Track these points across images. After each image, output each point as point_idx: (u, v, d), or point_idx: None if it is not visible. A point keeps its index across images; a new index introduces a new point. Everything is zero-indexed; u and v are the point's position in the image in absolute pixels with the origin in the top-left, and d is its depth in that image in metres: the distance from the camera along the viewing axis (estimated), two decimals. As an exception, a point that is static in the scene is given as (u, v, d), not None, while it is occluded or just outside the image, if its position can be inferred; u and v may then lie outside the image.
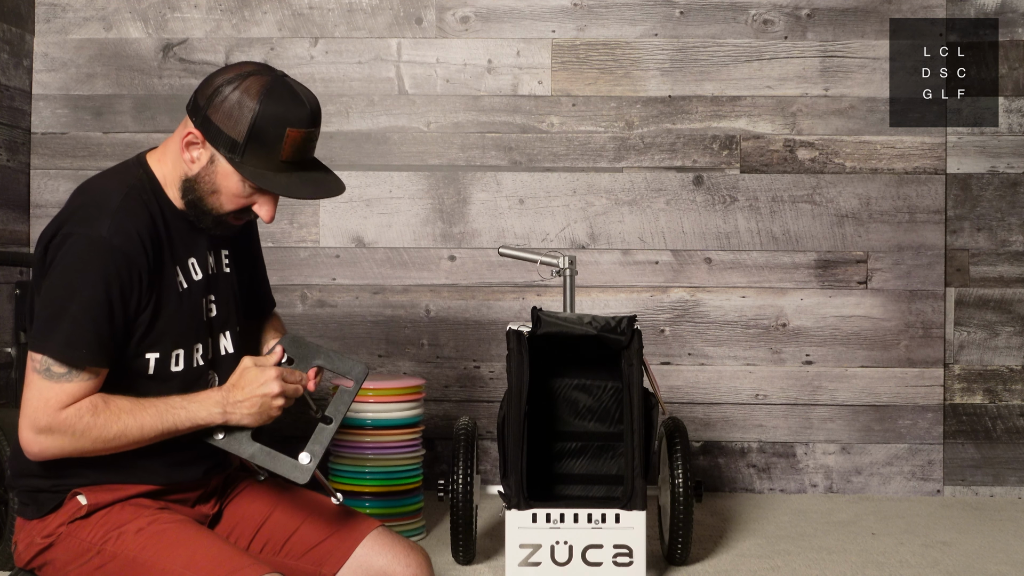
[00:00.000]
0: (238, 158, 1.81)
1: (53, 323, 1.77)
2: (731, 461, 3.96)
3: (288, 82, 1.84)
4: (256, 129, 1.79)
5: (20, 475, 1.89)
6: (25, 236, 3.91)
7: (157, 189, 1.89)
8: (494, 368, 3.93)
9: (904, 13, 3.92)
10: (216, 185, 1.85)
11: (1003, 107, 3.91)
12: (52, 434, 1.77)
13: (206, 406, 1.84)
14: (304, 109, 1.82)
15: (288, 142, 1.80)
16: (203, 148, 1.84)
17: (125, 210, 1.82)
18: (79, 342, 1.76)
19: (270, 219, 1.91)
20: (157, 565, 1.76)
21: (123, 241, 1.79)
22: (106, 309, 1.78)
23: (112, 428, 1.78)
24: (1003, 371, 3.93)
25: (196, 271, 1.93)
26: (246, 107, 1.79)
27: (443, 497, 2.91)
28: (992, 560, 3.04)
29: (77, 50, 3.95)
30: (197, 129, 1.83)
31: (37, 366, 1.77)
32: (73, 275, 1.77)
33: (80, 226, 1.79)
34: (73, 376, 1.77)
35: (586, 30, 3.95)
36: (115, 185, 1.86)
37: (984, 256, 3.93)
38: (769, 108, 3.94)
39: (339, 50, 3.94)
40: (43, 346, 1.77)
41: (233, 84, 1.81)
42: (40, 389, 1.77)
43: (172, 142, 1.90)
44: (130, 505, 1.85)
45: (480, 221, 3.95)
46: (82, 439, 1.77)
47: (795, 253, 3.94)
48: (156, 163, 1.91)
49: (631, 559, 2.62)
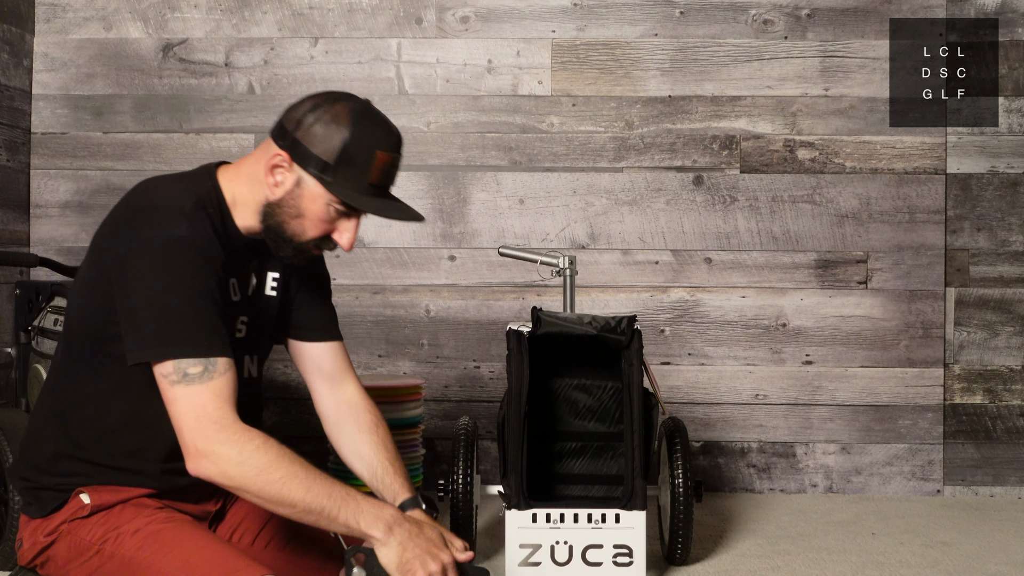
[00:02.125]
0: (328, 178, 1.80)
1: (164, 326, 1.72)
2: (731, 461, 3.95)
3: (375, 108, 1.85)
4: (347, 150, 1.79)
5: (24, 473, 1.89)
6: (25, 236, 3.91)
7: (223, 205, 1.87)
8: (494, 368, 3.93)
9: (904, 13, 3.92)
10: (301, 209, 1.84)
11: (1003, 107, 3.91)
12: (219, 447, 1.69)
13: (376, 512, 1.78)
14: (393, 135, 1.85)
15: (377, 165, 1.81)
16: (289, 171, 1.83)
17: (195, 215, 1.81)
18: (198, 334, 1.73)
19: (350, 246, 1.89)
20: (154, 566, 1.76)
21: (204, 239, 1.79)
22: (208, 297, 1.76)
23: (279, 471, 1.71)
24: (1003, 371, 3.93)
25: (236, 292, 1.93)
26: (338, 129, 1.79)
27: (443, 497, 2.91)
28: (992, 560, 3.04)
29: (77, 50, 3.95)
30: (285, 151, 1.82)
31: (173, 377, 1.71)
32: (167, 274, 1.74)
33: (159, 228, 1.77)
34: (212, 371, 1.72)
35: (586, 30, 3.95)
36: (184, 191, 1.85)
37: (984, 256, 3.93)
38: (769, 108, 3.94)
39: (339, 50, 3.94)
40: (166, 351, 1.71)
41: (323, 108, 1.81)
42: (189, 397, 1.71)
43: (248, 164, 1.89)
44: (131, 505, 1.85)
45: (480, 221, 3.95)
46: (247, 466, 1.70)
47: (795, 253, 3.94)
48: (227, 181, 1.90)
49: (631, 559, 2.61)
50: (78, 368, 1.86)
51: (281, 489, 1.71)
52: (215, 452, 1.70)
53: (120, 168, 3.96)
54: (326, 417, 2.08)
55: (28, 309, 2.96)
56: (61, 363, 1.90)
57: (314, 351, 2.07)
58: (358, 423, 2.05)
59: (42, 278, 3.51)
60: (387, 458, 2.03)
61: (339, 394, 2.08)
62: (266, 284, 1.99)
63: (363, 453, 2.03)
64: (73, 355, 1.87)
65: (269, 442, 1.73)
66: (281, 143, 1.83)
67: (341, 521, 1.75)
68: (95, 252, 1.85)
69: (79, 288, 1.88)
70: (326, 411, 2.08)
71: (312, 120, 1.81)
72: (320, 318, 2.08)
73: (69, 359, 1.88)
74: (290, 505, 1.72)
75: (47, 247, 3.92)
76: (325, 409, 2.08)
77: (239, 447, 1.70)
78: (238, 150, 3.92)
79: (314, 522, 1.75)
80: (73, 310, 1.90)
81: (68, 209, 3.96)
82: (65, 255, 3.89)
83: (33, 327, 2.93)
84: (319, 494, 1.73)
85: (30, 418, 1.94)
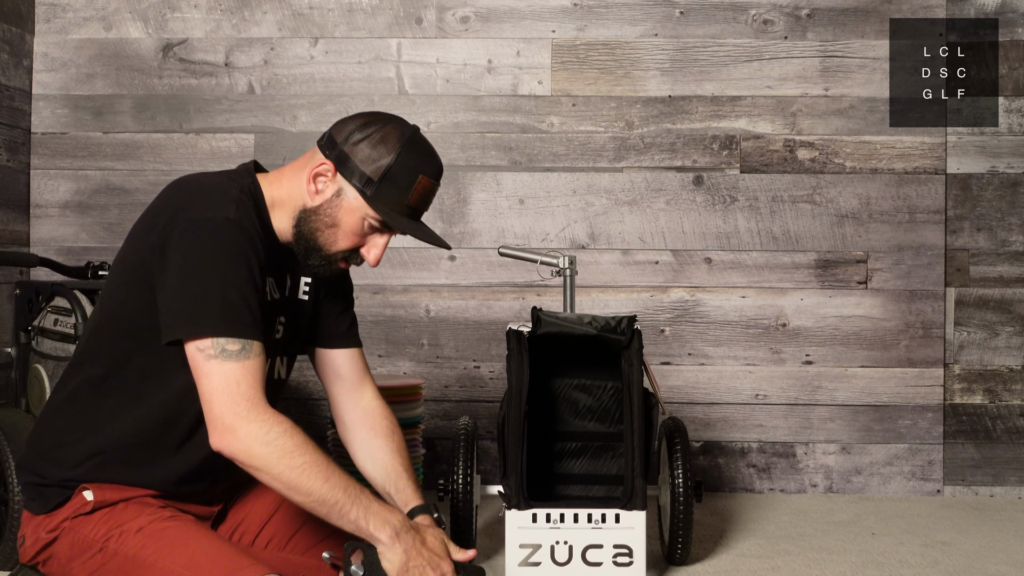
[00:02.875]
0: (369, 193, 1.85)
1: (205, 304, 1.73)
2: (731, 461, 3.95)
3: (423, 136, 1.92)
4: (392, 170, 1.85)
5: (31, 466, 1.89)
6: (25, 236, 3.91)
7: (261, 205, 1.90)
8: (494, 368, 3.93)
9: (904, 13, 3.92)
10: (337, 219, 1.88)
11: (1003, 107, 3.91)
12: (248, 424, 1.70)
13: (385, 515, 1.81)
14: (437, 163, 1.91)
15: (418, 189, 1.87)
16: (332, 181, 1.87)
17: (243, 202, 1.83)
18: (239, 315, 1.74)
19: (376, 262, 1.94)
20: (157, 564, 1.76)
21: (249, 226, 1.81)
22: (251, 282, 1.77)
23: (301, 457, 1.72)
24: (1003, 371, 3.93)
25: (275, 291, 1.94)
26: (387, 148, 1.85)
27: (443, 497, 2.91)
28: (992, 560, 3.04)
29: (77, 50, 3.95)
30: (330, 161, 1.87)
31: (211, 351, 1.72)
32: (211, 255, 1.75)
33: (206, 211, 1.78)
34: (249, 351, 1.73)
35: (586, 30, 3.95)
36: (230, 181, 1.88)
37: (984, 256, 3.93)
38: (769, 108, 3.94)
39: (339, 50, 3.94)
40: (206, 328, 1.72)
41: (375, 126, 1.87)
42: (224, 373, 1.71)
43: (290, 170, 1.93)
44: (134, 504, 1.85)
45: (480, 221, 3.95)
46: (272, 447, 1.71)
47: (795, 253, 3.94)
48: (268, 184, 1.93)
49: (631, 559, 2.61)
50: (105, 360, 1.86)
51: (301, 475, 1.72)
52: (243, 429, 1.71)
53: (120, 168, 3.96)
54: (342, 421, 2.11)
55: (28, 309, 2.97)
56: (85, 356, 1.90)
57: (336, 358, 2.11)
58: (374, 428, 2.08)
59: (42, 278, 3.51)
60: (401, 464, 2.07)
61: (357, 399, 2.11)
62: (300, 288, 2.02)
63: (378, 458, 2.06)
64: (103, 348, 1.87)
65: (296, 428, 1.75)
66: (327, 153, 1.88)
67: (351, 518, 1.77)
68: (132, 243, 1.86)
69: (113, 282, 1.89)
70: (343, 415, 2.10)
71: (361, 136, 1.86)
72: (344, 326, 2.11)
73: (96, 352, 1.88)
74: (306, 493, 1.73)
75: (47, 247, 3.92)
76: (342, 413, 2.10)
77: (268, 427, 1.72)
78: (238, 150, 3.93)
79: (325, 514, 1.76)
80: (106, 304, 1.89)
81: (68, 209, 3.96)
82: (65, 255, 3.89)
83: (33, 327, 2.93)
84: (336, 486, 1.75)
85: (43, 409, 1.94)
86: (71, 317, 2.78)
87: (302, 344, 2.07)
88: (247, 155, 3.92)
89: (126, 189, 3.95)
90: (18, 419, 2.77)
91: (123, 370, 1.84)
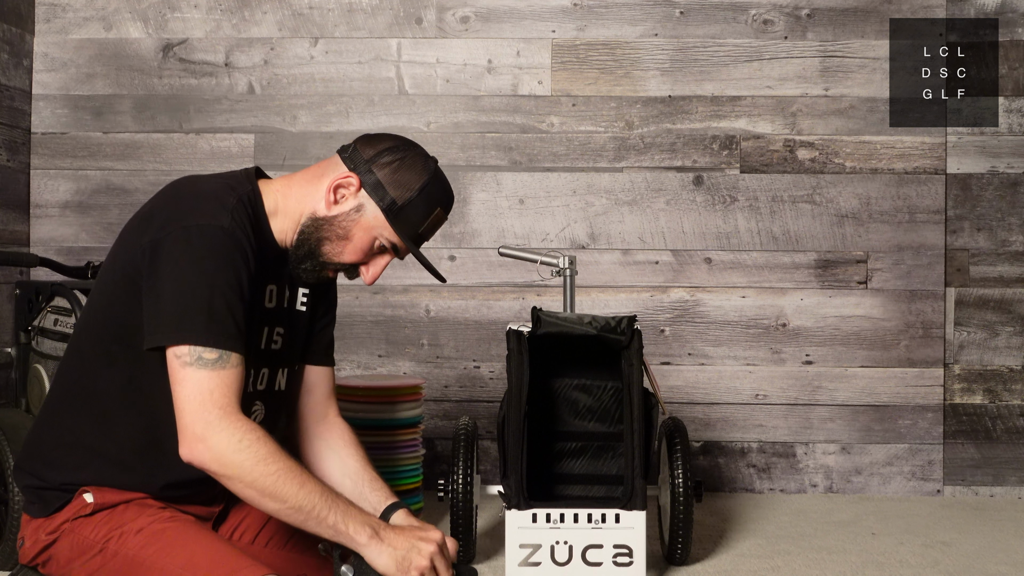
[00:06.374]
0: (392, 217, 1.88)
1: (189, 311, 1.71)
2: (731, 461, 3.95)
3: (440, 168, 1.97)
4: (417, 199, 1.89)
5: (30, 469, 1.89)
6: (25, 236, 3.91)
7: (259, 211, 1.89)
8: (494, 368, 3.93)
9: (904, 13, 3.92)
10: (350, 233, 1.89)
11: (1003, 107, 3.91)
12: (219, 433, 1.68)
13: (364, 517, 1.79)
14: (452, 197, 1.98)
15: (432, 219, 1.93)
16: (353, 196, 1.89)
17: (238, 212, 1.82)
18: (222, 325, 1.72)
19: (373, 280, 1.96)
20: (156, 565, 1.76)
21: (243, 236, 1.80)
22: (238, 292, 1.76)
23: (276, 464, 1.71)
24: (1003, 371, 3.93)
25: (272, 299, 1.94)
26: (417, 177, 1.90)
27: (443, 497, 2.91)
28: (992, 560, 3.04)
29: (77, 50, 3.95)
30: (357, 175, 1.88)
31: (186, 359, 1.70)
32: (201, 262, 1.74)
33: (201, 218, 1.77)
34: (226, 362, 1.72)
35: (586, 30, 3.95)
36: (227, 188, 1.86)
37: (984, 256, 3.93)
38: (769, 108, 3.94)
39: (339, 50, 3.94)
40: (186, 335, 1.71)
41: (405, 151, 1.91)
42: (198, 381, 1.70)
43: (303, 178, 1.93)
44: (134, 505, 1.85)
45: (480, 221, 3.95)
46: (245, 454, 1.68)
47: (795, 253, 3.94)
48: (272, 191, 1.92)
49: (631, 559, 2.61)
50: (93, 361, 1.86)
51: (276, 482, 1.71)
52: (214, 437, 1.69)
53: (120, 168, 3.96)
54: (306, 431, 2.08)
55: (28, 309, 2.96)
56: (74, 356, 1.90)
57: (312, 373, 2.09)
58: (343, 438, 2.08)
59: (42, 278, 3.51)
60: (371, 468, 2.06)
61: (323, 413, 2.10)
62: (297, 299, 2.01)
63: (348, 464, 2.05)
64: (90, 348, 1.87)
65: (268, 436, 1.73)
66: (352, 167, 1.89)
67: (329, 523, 1.75)
68: (123, 244, 1.85)
69: (102, 283, 1.88)
70: (309, 426, 2.08)
71: (392, 159, 1.89)
72: (326, 341, 2.11)
73: (84, 352, 1.88)
74: (282, 500, 1.71)
75: (47, 247, 3.92)
76: (308, 424, 2.08)
77: (240, 435, 1.70)
78: (238, 150, 3.93)
79: (301, 521, 1.74)
80: (95, 302, 1.89)
81: (68, 209, 3.96)
82: (65, 255, 3.89)
83: (33, 327, 2.93)
84: (312, 492, 1.73)
85: (40, 411, 1.94)
86: (71, 317, 2.78)
87: (299, 355, 2.06)
88: (247, 155, 3.92)
89: (126, 189, 3.95)
90: (18, 419, 2.77)
91: (112, 372, 1.84)
